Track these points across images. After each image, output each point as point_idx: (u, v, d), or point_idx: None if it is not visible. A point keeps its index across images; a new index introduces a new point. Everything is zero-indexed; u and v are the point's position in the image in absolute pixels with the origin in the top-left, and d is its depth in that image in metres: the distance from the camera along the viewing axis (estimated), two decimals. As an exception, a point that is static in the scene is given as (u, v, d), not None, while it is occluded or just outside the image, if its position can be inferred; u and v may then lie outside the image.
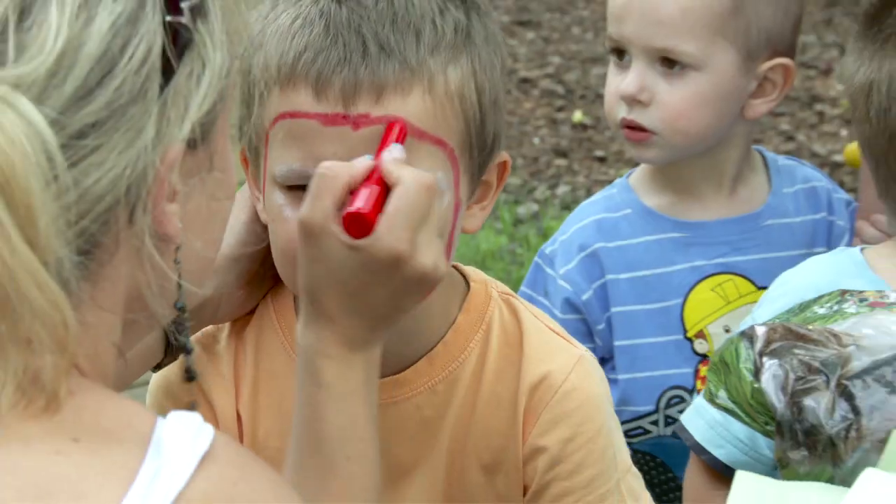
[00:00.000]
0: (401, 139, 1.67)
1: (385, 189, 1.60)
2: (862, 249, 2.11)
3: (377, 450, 1.66)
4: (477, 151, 1.78)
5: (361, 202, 1.57)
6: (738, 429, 1.95)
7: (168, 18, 1.27)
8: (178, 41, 1.27)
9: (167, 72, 1.27)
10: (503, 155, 1.85)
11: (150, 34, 1.25)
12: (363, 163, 1.62)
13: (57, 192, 1.18)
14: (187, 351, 1.50)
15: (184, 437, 1.23)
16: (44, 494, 1.18)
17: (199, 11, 1.29)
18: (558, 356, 1.89)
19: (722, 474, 1.99)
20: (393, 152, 1.64)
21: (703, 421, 2.01)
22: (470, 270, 1.95)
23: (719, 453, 1.99)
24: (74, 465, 1.20)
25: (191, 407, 1.43)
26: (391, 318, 1.65)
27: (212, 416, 1.87)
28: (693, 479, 2.09)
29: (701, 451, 2.02)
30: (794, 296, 1.85)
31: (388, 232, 1.58)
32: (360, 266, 1.59)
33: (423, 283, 1.63)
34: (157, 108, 1.25)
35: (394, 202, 1.58)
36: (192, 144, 1.31)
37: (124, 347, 1.35)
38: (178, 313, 1.39)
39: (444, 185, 1.73)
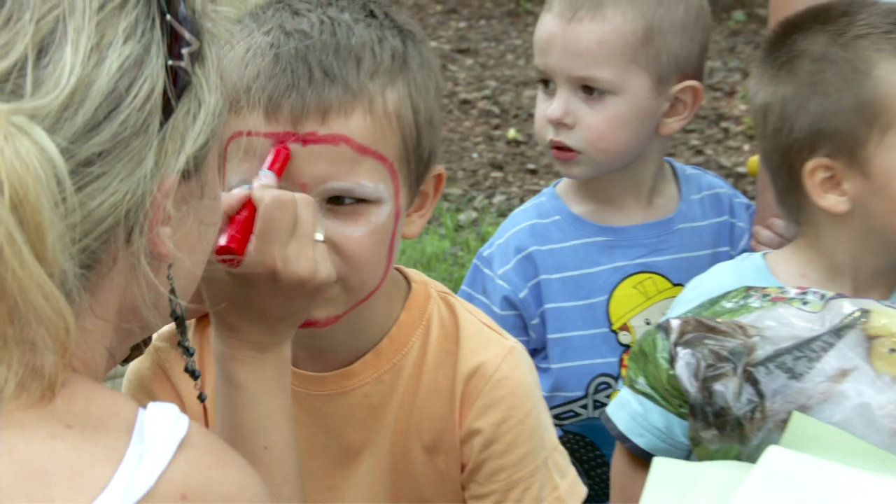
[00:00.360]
0: (282, 165, 1.66)
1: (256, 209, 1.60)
2: (764, 255, 2.11)
3: (295, 437, 1.66)
4: (414, 165, 1.77)
5: (224, 238, 1.57)
6: (657, 419, 1.95)
7: (170, 62, 1.27)
8: (177, 83, 1.28)
9: (167, 110, 1.27)
10: (439, 168, 1.84)
11: (154, 76, 1.25)
12: (239, 192, 1.60)
13: (64, 212, 1.18)
14: (189, 353, 1.51)
15: (164, 424, 1.23)
16: (40, 473, 1.18)
17: (197, 57, 1.30)
18: (491, 348, 1.88)
19: (643, 460, 1.98)
20: (262, 179, 1.63)
21: (625, 412, 2.01)
22: (412, 272, 1.94)
23: (640, 441, 1.98)
24: (68, 448, 1.20)
25: (200, 399, 1.54)
26: (288, 321, 1.65)
27: (180, 406, 1.83)
28: (618, 464, 2.09)
29: (624, 439, 2.02)
30: (704, 298, 1.83)
31: (258, 253, 1.58)
32: (243, 285, 1.60)
33: (305, 288, 1.62)
34: (156, 142, 1.26)
35: (258, 224, 1.59)
36: (186, 175, 1.31)
37: (117, 352, 1.36)
38: (174, 322, 1.41)
39: (386, 195, 1.72)
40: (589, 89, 2.36)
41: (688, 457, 1.75)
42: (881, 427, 1.49)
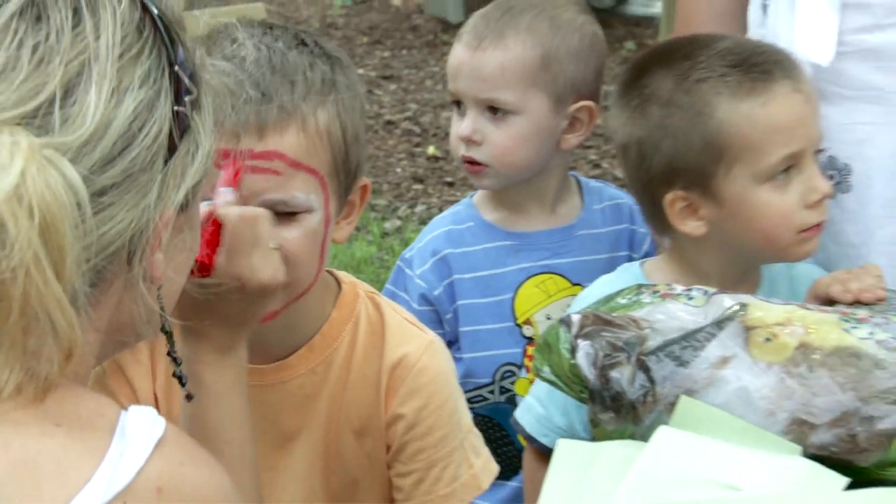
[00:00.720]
0: (237, 181, 1.64)
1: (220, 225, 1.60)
2: (641, 264, 2.12)
3: (252, 430, 1.66)
4: (343, 177, 1.76)
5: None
6: (559, 420, 1.99)
7: (176, 108, 1.28)
8: (180, 126, 1.28)
9: (171, 149, 1.28)
10: (364, 180, 1.84)
11: (162, 119, 1.26)
12: (203, 209, 1.59)
13: (82, 236, 1.19)
14: (178, 363, 1.51)
15: (143, 425, 1.23)
16: (32, 467, 1.18)
17: (195, 105, 1.31)
18: (413, 341, 1.88)
19: (548, 456, 1.99)
20: (224, 196, 1.62)
21: (531, 416, 2.04)
22: (342, 275, 1.94)
23: (545, 441, 2.00)
24: (57, 445, 1.19)
25: (188, 398, 1.53)
26: (249, 324, 1.65)
27: (134, 398, 1.83)
28: (528, 462, 2.10)
29: (532, 440, 2.04)
30: (599, 297, 1.83)
31: (227, 264, 1.58)
32: (214, 294, 1.59)
33: (267, 292, 1.62)
34: (160, 177, 1.26)
35: (227, 240, 1.58)
36: (182, 208, 1.31)
37: (102, 359, 1.37)
38: (164, 334, 1.43)
39: (317, 204, 1.71)
40: (494, 110, 2.37)
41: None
42: (758, 408, 1.50)
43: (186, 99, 1.29)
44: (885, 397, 1.48)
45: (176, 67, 1.29)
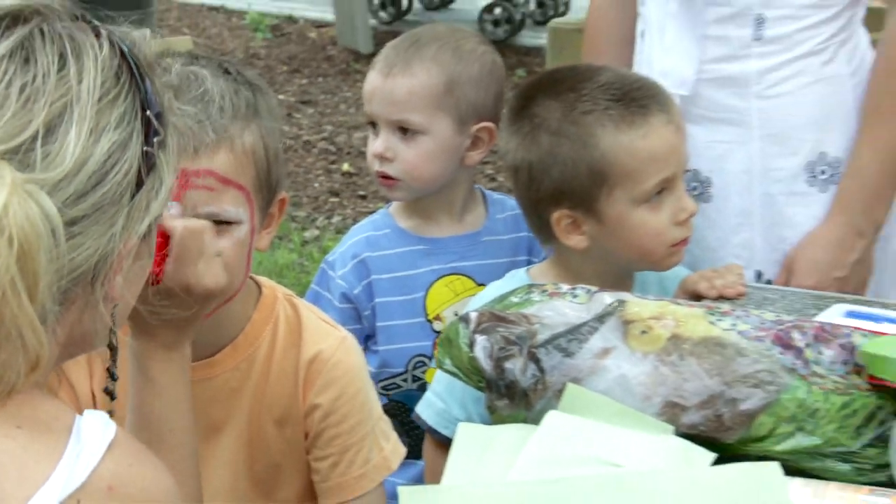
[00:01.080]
0: (179, 198, 1.63)
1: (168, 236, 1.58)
2: (527, 270, 2.12)
3: (193, 421, 1.64)
4: (265, 192, 1.75)
5: None
6: (458, 412, 1.98)
7: (145, 148, 1.26)
8: (147, 163, 1.26)
9: (139, 184, 1.25)
10: (283, 194, 1.83)
11: (132, 158, 1.24)
12: None
13: (55, 261, 1.17)
14: (114, 378, 1.47)
15: (96, 428, 1.21)
16: None
17: (161, 144, 1.29)
18: (327, 338, 1.87)
19: (447, 445, 2.01)
20: (171, 210, 1.60)
21: (431, 410, 2.04)
22: (262, 279, 1.92)
23: (446, 432, 2.00)
24: (18, 446, 1.17)
25: (110, 414, 1.45)
26: (193, 325, 1.63)
27: (73, 396, 1.80)
28: (428, 451, 2.10)
29: (433, 431, 2.04)
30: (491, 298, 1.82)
31: (175, 272, 1.57)
32: (160, 298, 1.57)
33: (212, 295, 1.61)
34: (126, 210, 1.24)
35: (175, 250, 1.57)
36: (143, 237, 1.30)
37: (57, 367, 1.34)
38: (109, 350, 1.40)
39: (244, 217, 1.70)
40: (404, 130, 2.36)
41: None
42: (636, 393, 1.50)
43: (155, 140, 1.28)
44: (746, 381, 1.49)
45: (147, 112, 1.27)
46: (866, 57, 2.29)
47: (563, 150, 1.98)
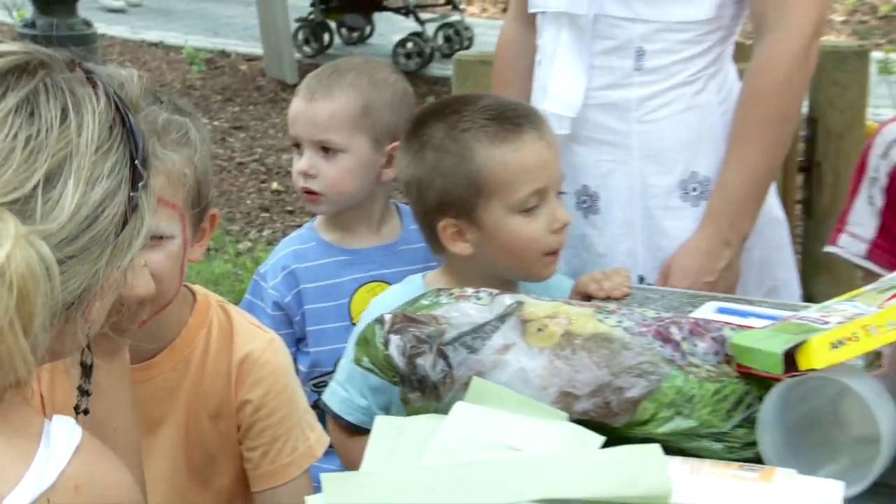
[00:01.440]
0: None
1: None
2: (423, 276, 2.11)
3: (135, 420, 1.61)
4: (196, 209, 1.73)
5: None
6: (360, 401, 2.00)
7: (131, 193, 1.23)
8: (132, 206, 1.24)
9: (123, 224, 1.23)
10: (214, 210, 1.81)
11: (119, 203, 1.22)
12: None
13: (49, 301, 1.16)
14: (88, 395, 1.45)
15: (64, 433, 1.19)
16: None
17: (144, 187, 1.26)
18: (256, 340, 1.85)
19: (351, 430, 2.05)
20: None
21: (336, 399, 2.04)
22: (197, 288, 1.90)
23: (350, 419, 2.02)
24: None
25: (85, 412, 1.47)
26: (129, 331, 1.59)
27: (40, 401, 1.76)
28: (336, 437, 2.08)
29: (338, 418, 2.04)
30: (385, 310, 1.80)
31: None
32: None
33: (145, 302, 1.58)
34: (110, 248, 1.22)
35: None
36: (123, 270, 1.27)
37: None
38: (82, 368, 1.41)
39: (177, 232, 1.69)
40: (326, 149, 2.35)
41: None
42: (533, 385, 1.50)
43: (139, 185, 1.25)
44: (630, 372, 1.49)
45: (136, 161, 1.25)
46: (734, 88, 2.33)
47: (445, 163, 1.98)
